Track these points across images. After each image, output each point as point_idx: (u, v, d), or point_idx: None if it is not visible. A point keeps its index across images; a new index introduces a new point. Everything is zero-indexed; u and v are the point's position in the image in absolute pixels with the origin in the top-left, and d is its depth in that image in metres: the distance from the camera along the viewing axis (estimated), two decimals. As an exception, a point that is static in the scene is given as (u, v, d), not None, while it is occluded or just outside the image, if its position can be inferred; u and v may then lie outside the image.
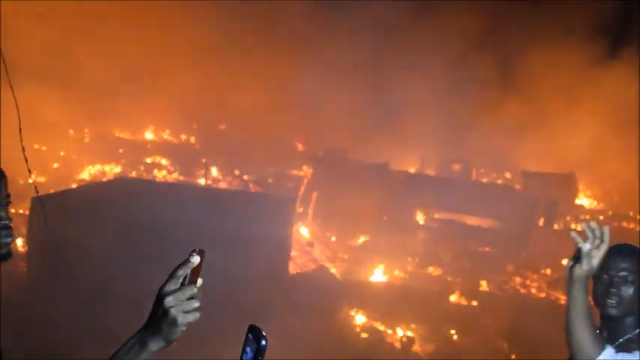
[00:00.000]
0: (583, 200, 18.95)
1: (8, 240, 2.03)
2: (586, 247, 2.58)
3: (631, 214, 18.15)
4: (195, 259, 1.74)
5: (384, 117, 18.19)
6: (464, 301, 12.89)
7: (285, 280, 11.47)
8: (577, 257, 2.72)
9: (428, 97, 18.84)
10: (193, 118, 19.79)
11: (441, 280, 13.98)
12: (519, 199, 17.14)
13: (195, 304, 1.70)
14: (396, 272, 14.14)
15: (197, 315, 1.70)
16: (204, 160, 18.21)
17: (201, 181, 17.23)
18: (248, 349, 1.63)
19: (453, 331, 11.25)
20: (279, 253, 11.32)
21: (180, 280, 1.72)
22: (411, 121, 18.14)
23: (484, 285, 13.86)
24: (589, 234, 2.60)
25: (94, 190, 13.03)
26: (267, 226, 10.85)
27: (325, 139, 18.38)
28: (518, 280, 14.58)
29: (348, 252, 14.96)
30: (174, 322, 1.69)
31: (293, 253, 13.12)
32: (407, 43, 19.19)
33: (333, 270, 13.79)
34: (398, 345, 10.67)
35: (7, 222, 2.02)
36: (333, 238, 15.52)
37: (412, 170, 19.04)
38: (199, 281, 1.74)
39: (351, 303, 11.66)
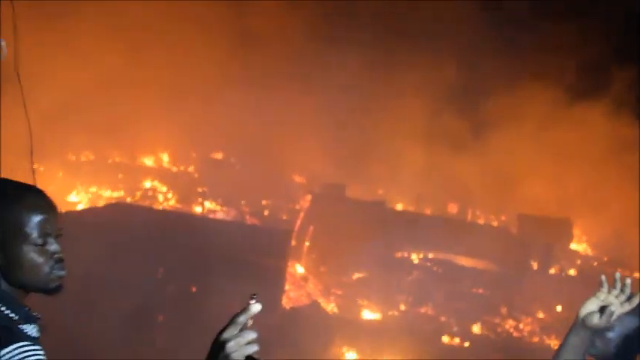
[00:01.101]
0: (578, 245, 18.95)
1: (61, 273, 2.06)
2: (616, 307, 2.53)
3: (627, 261, 18.13)
4: (256, 307, 1.84)
5: (382, 154, 18.26)
6: (456, 342, 12.81)
7: (278, 314, 11.41)
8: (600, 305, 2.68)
9: (428, 136, 18.95)
10: (192, 146, 19.82)
11: (434, 319, 13.91)
12: (514, 241, 17.13)
13: (255, 348, 1.80)
14: (389, 311, 14.08)
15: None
16: (200, 190, 18.22)
17: (198, 210, 17.22)
18: None
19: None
20: (272, 286, 11.29)
21: (240, 327, 1.81)
22: (409, 159, 18.20)
23: (477, 327, 13.79)
24: (617, 287, 2.56)
25: (93, 213, 13.04)
26: (262, 258, 10.84)
27: (323, 173, 18.42)
28: (511, 323, 14.51)
29: (341, 288, 14.90)
30: None
31: (286, 287, 13.09)
32: (396, 82, 19.34)
33: (327, 306, 13.73)
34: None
35: (60, 255, 2.05)
36: (326, 275, 15.47)
37: (409, 209, 19.05)
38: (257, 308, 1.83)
39: (343, 340, 11.58)
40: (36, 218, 2.00)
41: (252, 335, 1.80)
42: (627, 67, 19.32)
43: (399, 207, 18.66)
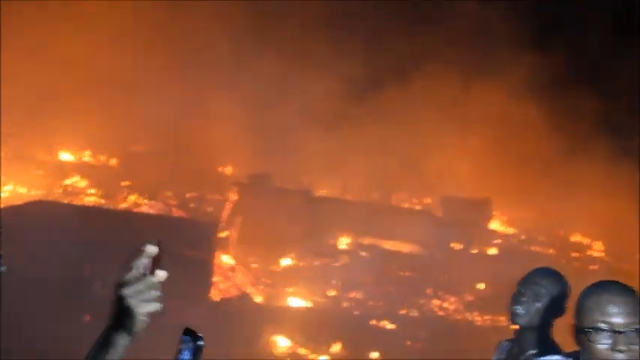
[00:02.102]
0: (498, 225, 19.60)
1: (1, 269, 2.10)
2: None
3: (540, 238, 18.94)
4: (151, 248, 1.69)
5: (308, 143, 18.36)
6: (385, 325, 13.12)
7: (206, 307, 11.39)
8: None
9: (354, 123, 19.18)
10: (113, 138, 19.34)
11: (363, 304, 14.18)
12: (438, 223, 17.60)
13: (155, 293, 1.65)
14: (319, 298, 14.26)
15: (158, 305, 1.65)
16: (124, 184, 17.89)
17: (123, 205, 16.92)
18: (184, 349, 1.61)
19: (375, 354, 11.44)
20: (200, 278, 11.26)
21: (139, 271, 1.65)
22: (335, 147, 18.39)
23: (404, 309, 14.15)
24: None
25: (12, 212, 12.62)
26: (188, 251, 10.79)
27: (248, 163, 18.39)
28: (436, 302, 14.96)
29: (270, 277, 14.98)
30: (133, 313, 1.63)
31: (215, 279, 13.06)
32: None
33: (256, 296, 13.78)
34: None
35: None
36: (255, 265, 15.50)
37: (334, 195, 19.26)
38: (162, 273, 1.70)
39: (273, 329, 11.68)
40: None
41: (150, 280, 1.63)
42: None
43: (324, 194, 18.83)
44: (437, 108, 19.38)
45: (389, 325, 13.07)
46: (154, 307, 1.66)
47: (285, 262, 15.76)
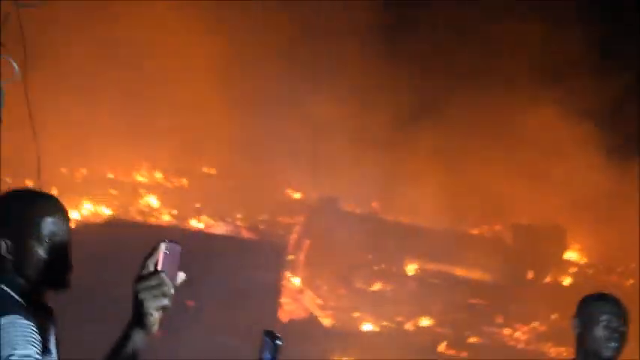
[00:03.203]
0: (572, 254, 19.04)
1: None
2: None
3: (619, 269, 18.26)
4: (162, 246, 1.77)
5: (374, 166, 18.33)
6: (453, 352, 12.89)
7: (275, 329, 11.45)
8: None
9: (422, 147, 19.04)
10: (185, 161, 19.82)
11: (430, 330, 13.98)
12: (509, 251, 17.24)
13: (164, 288, 1.71)
14: (386, 323, 14.14)
15: (166, 301, 1.72)
16: (197, 205, 18.26)
17: (195, 225, 17.26)
18: (266, 350, 1.68)
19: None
20: (268, 300, 11.35)
21: (151, 269, 1.73)
22: (403, 171, 18.29)
23: (473, 337, 13.88)
24: None
25: (90, 230, 13.07)
26: (258, 273, 10.90)
27: (318, 187, 18.50)
28: (507, 331, 14.60)
29: (338, 301, 14.96)
30: (144, 308, 1.71)
31: (283, 300, 13.14)
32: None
33: (323, 319, 13.78)
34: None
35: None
36: (323, 288, 15.53)
37: (402, 220, 19.13)
38: (181, 275, 1.78)
39: (340, 353, 11.64)
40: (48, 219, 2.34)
41: (159, 276, 1.70)
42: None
43: (393, 219, 18.74)
44: (508, 132, 19.06)
45: (457, 353, 12.83)
46: (164, 302, 1.72)
47: (354, 286, 15.71)
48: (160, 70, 18.68)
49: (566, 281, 17.50)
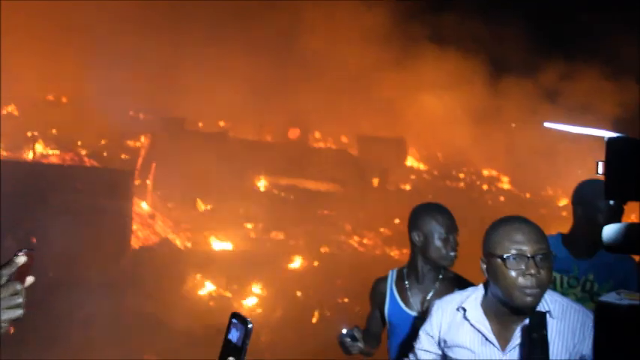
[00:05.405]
0: (412, 162, 20.06)
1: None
2: None
3: (454, 173, 19.54)
4: (20, 259, 1.74)
5: (223, 85, 18.01)
6: (306, 263, 13.34)
7: (128, 256, 11.25)
8: None
9: (265, 63, 18.93)
10: (14, 86, 18.36)
11: (284, 244, 14.33)
12: (355, 162, 17.85)
13: (18, 300, 1.70)
14: (240, 240, 14.32)
15: (19, 312, 1.71)
16: (29, 134, 17.16)
17: (30, 156, 16.26)
18: (234, 330, 1.64)
19: (298, 293, 11.65)
20: (119, 228, 11.06)
21: (5, 279, 1.71)
22: (249, 89, 18.14)
23: (325, 246, 14.41)
24: None
25: None
26: (105, 201, 10.54)
27: (161, 107, 17.92)
28: (356, 239, 15.29)
29: (190, 222, 14.89)
30: None
31: (134, 227, 12.87)
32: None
33: (176, 241, 13.70)
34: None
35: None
36: (174, 211, 15.36)
37: (250, 138, 19.14)
38: (29, 279, 1.76)
39: (197, 273, 11.68)
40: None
41: (15, 287, 1.69)
42: None
43: (240, 136, 18.70)
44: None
45: (310, 263, 13.31)
46: (16, 314, 1.71)
47: (204, 205, 15.67)
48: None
49: (407, 187, 18.48)
